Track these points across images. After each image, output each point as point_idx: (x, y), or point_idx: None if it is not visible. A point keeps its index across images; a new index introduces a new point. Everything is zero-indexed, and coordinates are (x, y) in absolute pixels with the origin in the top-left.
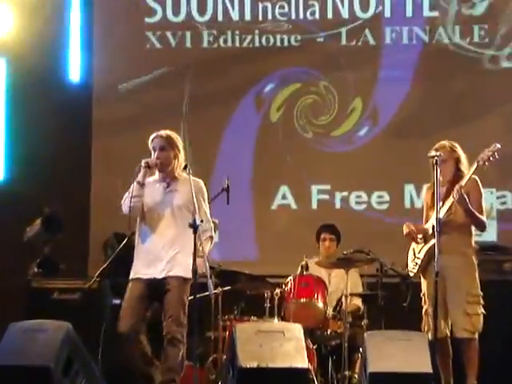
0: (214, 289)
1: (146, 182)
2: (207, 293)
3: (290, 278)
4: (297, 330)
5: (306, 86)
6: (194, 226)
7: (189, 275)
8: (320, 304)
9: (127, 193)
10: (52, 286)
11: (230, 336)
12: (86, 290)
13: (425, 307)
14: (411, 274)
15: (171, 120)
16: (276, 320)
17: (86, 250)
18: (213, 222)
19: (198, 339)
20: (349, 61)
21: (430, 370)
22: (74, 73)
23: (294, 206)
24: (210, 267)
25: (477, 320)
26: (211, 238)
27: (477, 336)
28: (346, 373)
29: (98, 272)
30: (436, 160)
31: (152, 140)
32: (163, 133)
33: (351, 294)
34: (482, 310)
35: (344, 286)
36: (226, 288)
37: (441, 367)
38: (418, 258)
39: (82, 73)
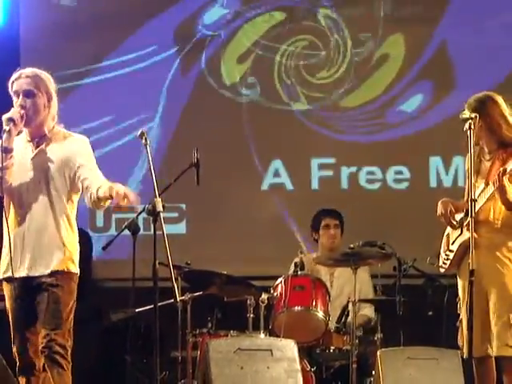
0: (182, 295)
1: (14, 146)
2: (172, 300)
3: (281, 279)
4: (289, 347)
5: (294, 19)
6: (154, 213)
7: (73, 269)
8: (320, 313)
9: None
10: None
11: (202, 356)
12: None
13: (461, 316)
14: (441, 270)
15: None
16: (262, 335)
17: None
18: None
19: (160, 361)
20: None
21: None
22: None
23: (288, 186)
24: (176, 266)
25: None
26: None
27: None
28: None
29: None
30: (470, 124)
31: (13, 82)
32: (29, 71)
33: (360, 301)
34: None
35: (351, 289)
36: (197, 294)
37: None
38: (450, 250)
39: (6, 14)
